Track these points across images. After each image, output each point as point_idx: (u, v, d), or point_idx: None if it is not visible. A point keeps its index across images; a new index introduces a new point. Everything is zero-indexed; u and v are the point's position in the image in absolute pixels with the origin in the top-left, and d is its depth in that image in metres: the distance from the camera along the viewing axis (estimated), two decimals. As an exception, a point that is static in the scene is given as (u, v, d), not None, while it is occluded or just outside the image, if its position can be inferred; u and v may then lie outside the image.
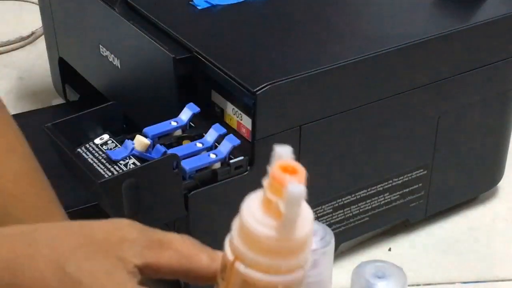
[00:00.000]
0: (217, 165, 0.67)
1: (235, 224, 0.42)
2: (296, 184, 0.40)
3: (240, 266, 0.41)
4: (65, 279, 0.42)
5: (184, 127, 0.70)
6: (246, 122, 0.69)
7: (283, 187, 0.40)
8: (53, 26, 0.95)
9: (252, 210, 0.41)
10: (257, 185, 0.70)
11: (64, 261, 0.42)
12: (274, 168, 0.41)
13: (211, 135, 0.68)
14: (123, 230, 0.44)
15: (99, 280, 0.42)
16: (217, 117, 0.72)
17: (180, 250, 0.44)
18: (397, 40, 0.73)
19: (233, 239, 0.42)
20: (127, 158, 0.66)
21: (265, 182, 0.41)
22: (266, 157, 0.69)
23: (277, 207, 0.40)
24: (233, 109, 0.70)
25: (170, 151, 0.66)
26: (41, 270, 0.42)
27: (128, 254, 0.43)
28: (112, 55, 0.81)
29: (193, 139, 0.69)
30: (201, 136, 0.69)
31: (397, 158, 0.78)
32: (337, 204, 0.77)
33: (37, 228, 0.44)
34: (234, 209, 0.71)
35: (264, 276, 0.41)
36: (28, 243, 0.43)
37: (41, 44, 1.08)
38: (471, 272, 0.81)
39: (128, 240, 0.44)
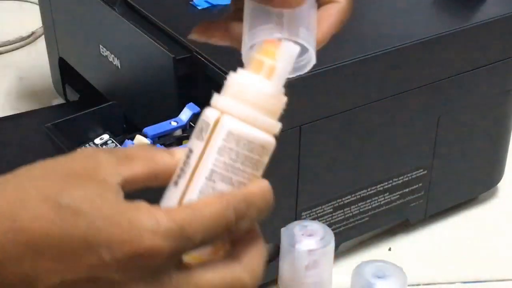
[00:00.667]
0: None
1: (224, 88, 0.45)
2: (291, 43, 0.44)
3: (227, 119, 0.43)
4: (64, 211, 0.43)
5: (184, 127, 0.70)
6: (246, 122, 0.69)
7: (277, 48, 0.44)
8: (53, 26, 0.95)
9: (242, 72, 0.44)
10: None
11: (55, 195, 0.43)
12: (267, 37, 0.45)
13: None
14: (93, 156, 0.46)
15: (95, 204, 0.43)
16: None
17: (145, 156, 0.46)
18: (397, 40, 0.73)
19: (217, 99, 0.44)
20: (127, 158, 0.66)
21: (256, 48, 0.45)
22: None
23: (269, 66, 0.44)
24: (233, 109, 0.70)
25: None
26: (38, 209, 0.43)
27: (108, 175, 0.45)
28: (112, 55, 0.81)
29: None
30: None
31: (397, 158, 0.78)
32: (337, 204, 0.77)
33: (16, 174, 0.45)
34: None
35: (250, 128, 0.43)
36: (15, 189, 0.44)
37: (41, 44, 1.08)
38: (471, 272, 0.81)
39: (102, 163, 0.45)
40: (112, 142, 0.69)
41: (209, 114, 0.44)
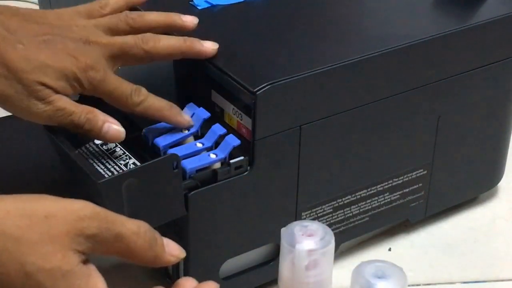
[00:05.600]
0: (217, 165, 0.67)
1: None
2: None
3: None
4: (26, 280, 0.45)
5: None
6: (246, 122, 0.69)
7: None
8: (53, 26, 0.94)
9: None
10: (257, 185, 0.71)
11: (25, 260, 0.45)
12: None
13: (211, 135, 0.68)
14: (83, 222, 0.49)
15: (57, 282, 0.46)
16: (217, 117, 0.72)
17: (131, 246, 0.51)
18: (397, 40, 0.73)
19: None
20: (127, 158, 0.66)
21: None
22: (266, 157, 0.70)
23: None
24: (233, 109, 0.71)
25: (170, 151, 0.66)
26: (6, 266, 0.46)
27: (82, 248, 0.48)
28: (112, 55, 0.81)
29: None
30: (201, 136, 0.69)
31: (397, 158, 0.79)
32: (337, 204, 0.77)
33: (5, 218, 0.47)
34: (233, 208, 0.71)
35: None
36: None
37: (41, 44, 1.08)
38: (471, 272, 0.81)
39: (87, 236, 0.49)
40: (112, 142, 0.69)
41: None
